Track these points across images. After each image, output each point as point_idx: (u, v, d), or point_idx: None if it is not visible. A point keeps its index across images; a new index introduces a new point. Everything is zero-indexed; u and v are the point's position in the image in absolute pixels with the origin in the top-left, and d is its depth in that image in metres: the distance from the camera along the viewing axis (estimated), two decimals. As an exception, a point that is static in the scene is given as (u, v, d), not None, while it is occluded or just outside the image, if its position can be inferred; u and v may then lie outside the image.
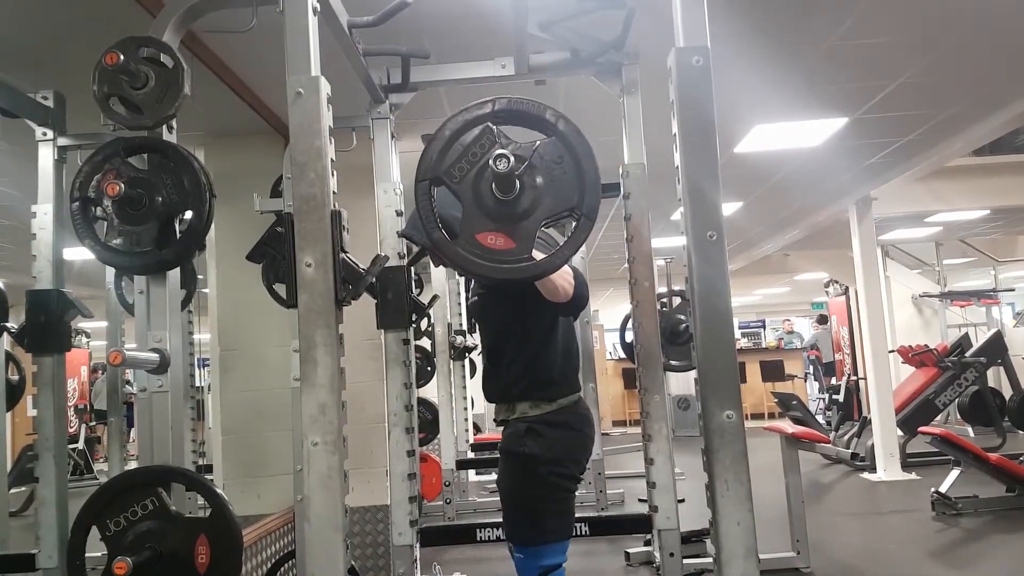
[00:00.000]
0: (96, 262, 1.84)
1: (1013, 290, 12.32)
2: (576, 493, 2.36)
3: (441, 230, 1.60)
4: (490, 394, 2.48)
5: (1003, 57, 3.79)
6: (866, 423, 7.29)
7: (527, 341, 2.28)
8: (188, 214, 1.80)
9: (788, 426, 4.59)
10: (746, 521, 1.49)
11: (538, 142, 1.60)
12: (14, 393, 3.45)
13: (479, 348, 6.71)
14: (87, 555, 1.69)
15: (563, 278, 2.04)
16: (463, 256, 1.58)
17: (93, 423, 8.64)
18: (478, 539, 4.11)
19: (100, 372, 9.07)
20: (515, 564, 2.27)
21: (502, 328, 2.38)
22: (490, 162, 1.50)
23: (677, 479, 2.54)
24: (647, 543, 4.33)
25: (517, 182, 1.54)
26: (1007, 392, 8.03)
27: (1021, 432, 7.99)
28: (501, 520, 2.42)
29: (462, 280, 6.55)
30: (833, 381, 10.58)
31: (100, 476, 7.48)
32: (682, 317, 3.27)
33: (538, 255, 1.63)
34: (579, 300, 2.15)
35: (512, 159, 1.49)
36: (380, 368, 2.70)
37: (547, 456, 2.22)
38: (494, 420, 2.57)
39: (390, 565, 2.72)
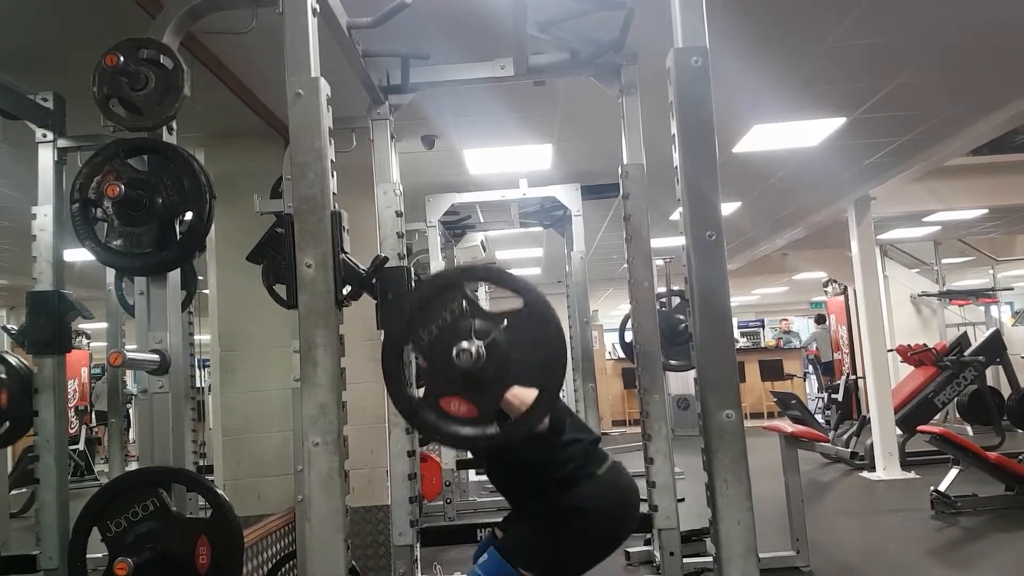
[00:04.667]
0: (96, 263, 1.84)
1: (1012, 289, 12.33)
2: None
3: (408, 391, 1.60)
4: (511, 497, 2.35)
5: (1001, 57, 3.80)
6: (865, 422, 7.30)
7: (529, 450, 2.08)
8: (188, 215, 1.80)
9: (787, 425, 4.59)
10: (746, 520, 1.50)
11: (505, 320, 1.58)
12: (14, 394, 3.44)
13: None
14: (88, 556, 1.69)
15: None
16: (425, 421, 1.57)
17: (94, 424, 8.64)
18: (479, 539, 4.10)
19: (101, 378, 9.06)
20: (487, 561, 2.12)
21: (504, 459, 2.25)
22: (452, 355, 1.49)
23: (677, 478, 2.55)
24: (647, 542, 4.34)
25: (484, 354, 1.53)
26: (1006, 391, 8.03)
27: (1020, 431, 7.99)
28: (501, 527, 2.32)
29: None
30: (832, 380, 10.58)
31: (101, 477, 7.48)
32: (682, 317, 3.27)
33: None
34: (557, 426, 2.06)
35: (474, 353, 1.48)
36: (380, 368, 2.70)
37: (591, 516, 2.10)
38: None
39: (391, 565, 2.72)
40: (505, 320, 1.56)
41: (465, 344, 1.48)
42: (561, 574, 2.14)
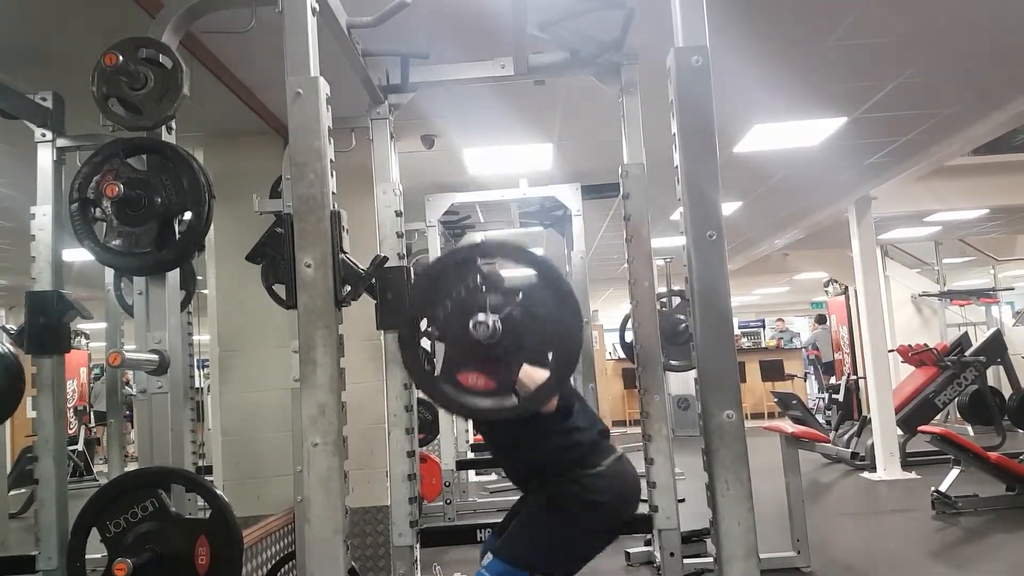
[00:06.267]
0: (95, 263, 1.84)
1: (1012, 289, 12.31)
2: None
3: (424, 368, 1.60)
4: (518, 481, 2.38)
5: (1002, 57, 3.79)
6: (866, 422, 7.29)
7: (537, 431, 2.12)
8: (187, 215, 1.79)
9: (788, 426, 4.59)
10: (746, 521, 1.49)
11: (520, 294, 1.58)
12: (13, 394, 3.44)
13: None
14: (87, 557, 1.69)
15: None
16: (444, 395, 1.58)
17: (92, 424, 8.64)
18: (478, 540, 4.10)
19: (100, 379, 9.06)
20: (491, 565, 2.10)
21: (508, 426, 2.21)
22: (469, 327, 1.49)
23: (677, 479, 2.54)
24: (647, 543, 4.33)
25: (499, 328, 1.53)
26: (1007, 391, 8.03)
27: (1021, 431, 7.99)
28: (499, 531, 2.32)
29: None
30: (833, 381, 10.58)
31: (100, 478, 7.47)
32: (682, 317, 3.27)
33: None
34: (565, 409, 2.09)
35: (491, 326, 1.48)
36: (380, 368, 2.70)
37: (597, 508, 2.11)
38: None
39: (390, 566, 2.72)
40: (519, 294, 1.57)
41: (482, 316, 1.50)
42: (564, 566, 2.16)
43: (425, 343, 1.67)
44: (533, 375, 1.64)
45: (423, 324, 1.64)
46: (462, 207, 5.01)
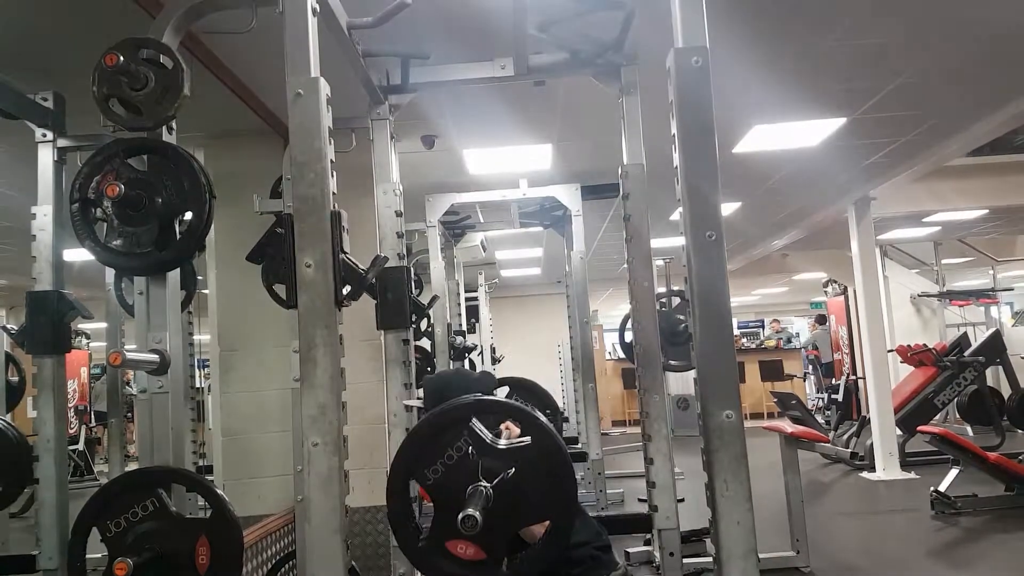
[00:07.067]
0: (96, 263, 1.84)
1: (1012, 289, 12.33)
2: None
3: (414, 537, 1.54)
4: None
5: (1001, 58, 3.80)
6: (865, 422, 7.30)
7: None
8: (188, 215, 1.80)
9: (787, 426, 4.60)
10: (746, 520, 1.49)
11: (514, 464, 1.52)
12: (14, 394, 3.46)
13: (478, 349, 6.59)
14: (88, 556, 1.69)
15: None
16: (434, 568, 1.53)
17: (93, 424, 8.64)
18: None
19: (100, 378, 9.05)
20: None
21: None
22: (458, 523, 1.43)
23: (676, 479, 2.54)
24: (647, 543, 4.33)
25: (491, 496, 1.48)
26: (1006, 391, 8.03)
27: (1020, 431, 8.00)
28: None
29: (462, 280, 6.57)
30: (832, 381, 10.58)
31: (100, 477, 7.48)
32: (682, 317, 3.27)
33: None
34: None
35: (479, 518, 1.42)
36: (380, 368, 2.71)
37: None
38: None
39: (390, 566, 2.72)
40: (514, 463, 1.51)
41: (471, 511, 1.42)
42: None
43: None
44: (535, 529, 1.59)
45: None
46: (462, 207, 5.02)
